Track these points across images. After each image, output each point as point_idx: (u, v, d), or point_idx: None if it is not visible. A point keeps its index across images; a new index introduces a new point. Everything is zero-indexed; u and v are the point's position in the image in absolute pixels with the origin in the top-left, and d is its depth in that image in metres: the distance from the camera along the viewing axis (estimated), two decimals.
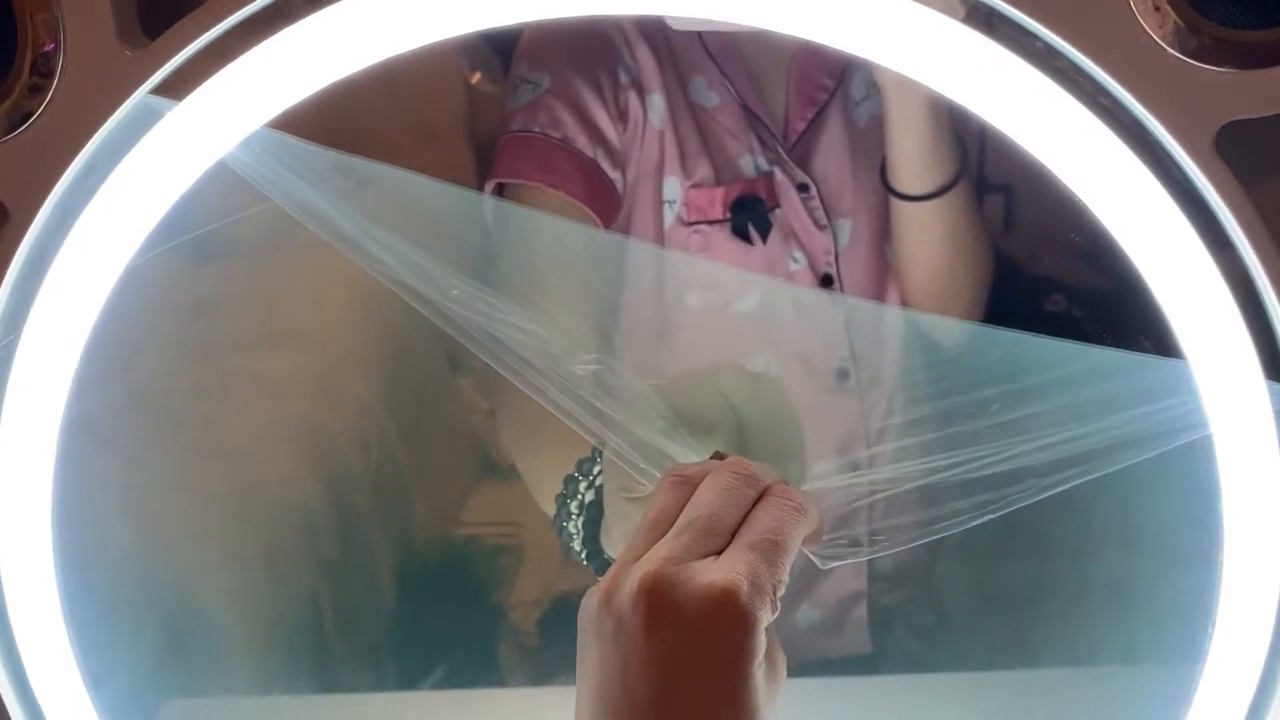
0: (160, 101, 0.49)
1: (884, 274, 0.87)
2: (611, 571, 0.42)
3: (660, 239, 0.85)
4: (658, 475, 0.49)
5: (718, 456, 0.49)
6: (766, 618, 0.40)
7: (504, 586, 1.30)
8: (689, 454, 0.51)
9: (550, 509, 0.62)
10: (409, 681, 1.07)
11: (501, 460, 1.16)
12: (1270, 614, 0.53)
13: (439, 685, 0.97)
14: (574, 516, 0.60)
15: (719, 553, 0.41)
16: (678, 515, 0.43)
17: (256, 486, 1.34)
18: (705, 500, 0.43)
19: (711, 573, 0.40)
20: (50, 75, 0.48)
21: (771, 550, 0.41)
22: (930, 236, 0.82)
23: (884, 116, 0.78)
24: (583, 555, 0.60)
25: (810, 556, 0.49)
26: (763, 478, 0.45)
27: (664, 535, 0.42)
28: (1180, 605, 0.52)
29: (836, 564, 0.52)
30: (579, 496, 0.60)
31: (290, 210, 0.53)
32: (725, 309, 0.85)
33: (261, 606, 1.24)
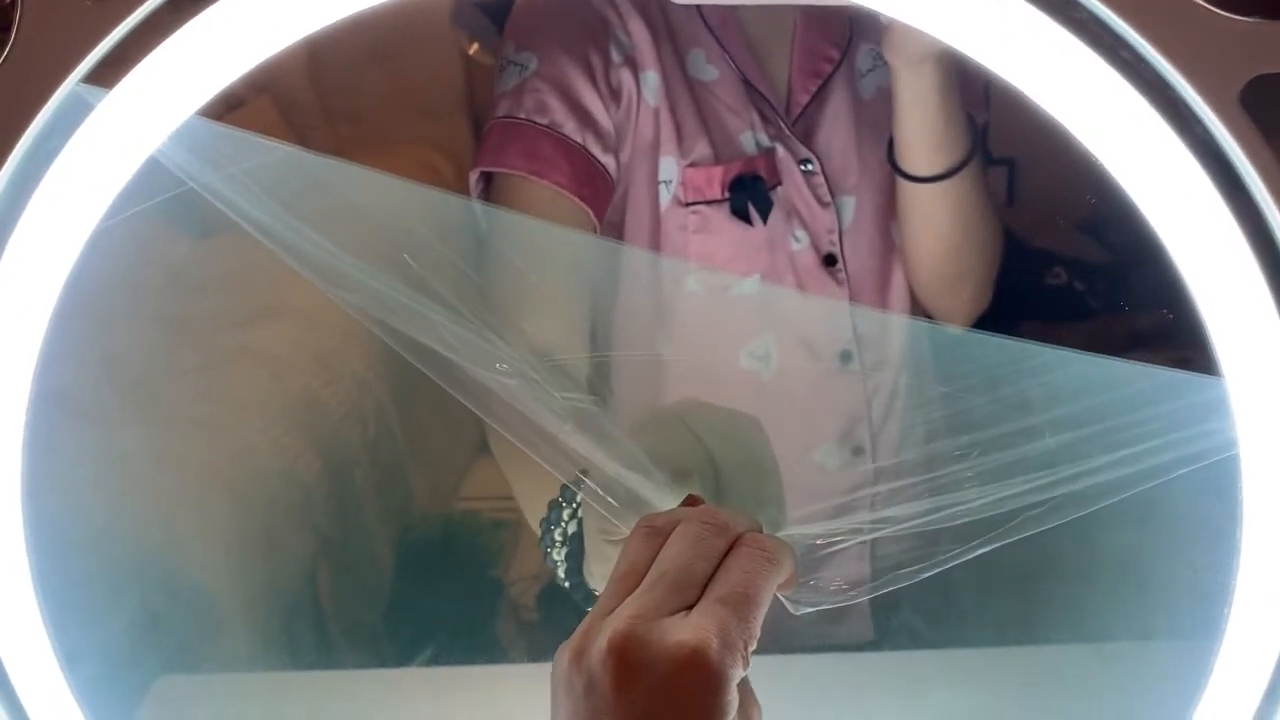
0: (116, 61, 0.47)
1: (889, 252, 0.85)
2: (582, 627, 0.42)
3: (656, 220, 0.82)
4: (632, 519, 0.48)
5: (690, 502, 0.48)
6: (738, 674, 0.40)
7: (503, 561, 1.30)
8: (664, 496, 0.50)
9: (536, 528, 0.61)
10: (407, 657, 1.07)
11: None
12: None
13: (437, 661, 0.96)
14: (558, 544, 0.59)
15: (690, 606, 0.41)
16: (648, 567, 0.43)
17: (252, 462, 1.33)
18: (675, 553, 0.43)
19: (681, 631, 0.40)
20: (8, 29, 0.46)
21: (742, 604, 0.41)
22: (939, 219, 0.79)
23: (894, 96, 0.76)
24: (567, 585, 0.59)
25: (784, 602, 0.49)
26: (734, 526, 0.44)
27: (635, 589, 0.42)
28: (1197, 582, 0.51)
29: (810, 609, 0.52)
30: (562, 525, 0.58)
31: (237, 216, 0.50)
32: (726, 293, 0.83)
33: (258, 582, 1.24)
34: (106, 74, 0.48)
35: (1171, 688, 0.54)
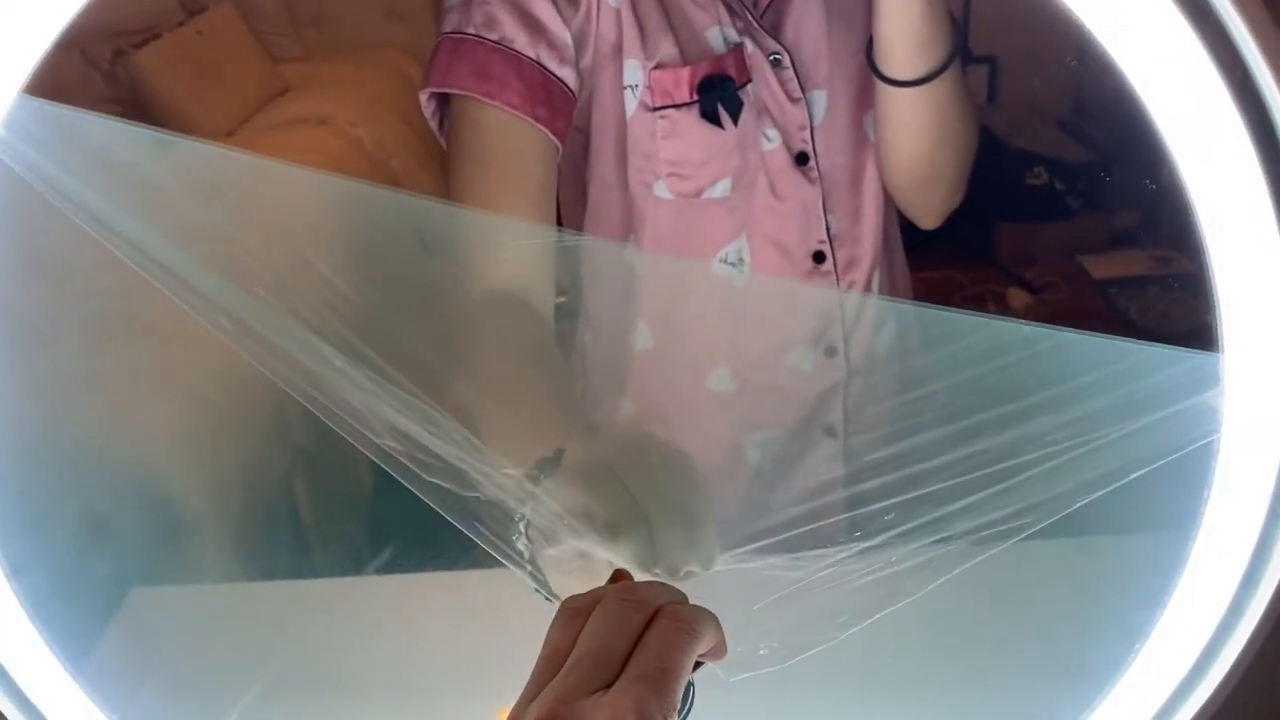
0: None
1: (862, 148, 0.82)
2: (510, 716, 0.43)
3: (623, 127, 0.79)
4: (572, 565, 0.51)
5: (616, 577, 0.49)
6: None
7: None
8: (598, 548, 0.51)
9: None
10: (388, 565, 1.07)
11: None
12: (1270, 477, 0.51)
13: (418, 568, 0.96)
14: (522, 555, 0.56)
15: (611, 684, 0.42)
16: (570, 650, 0.44)
17: (225, 375, 1.32)
18: (594, 632, 0.44)
19: (599, 711, 0.40)
20: None
21: (659, 679, 0.41)
22: (917, 121, 0.76)
23: None
24: (539, 592, 0.59)
25: (717, 670, 0.49)
26: (652, 600, 0.45)
27: (558, 672, 0.43)
28: (1175, 470, 0.51)
29: (745, 675, 0.53)
30: (522, 537, 0.55)
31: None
32: (697, 197, 0.80)
33: (235, 495, 1.23)
34: None
35: (1149, 578, 0.54)
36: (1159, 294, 1.87)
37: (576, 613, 0.45)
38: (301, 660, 0.74)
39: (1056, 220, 2.33)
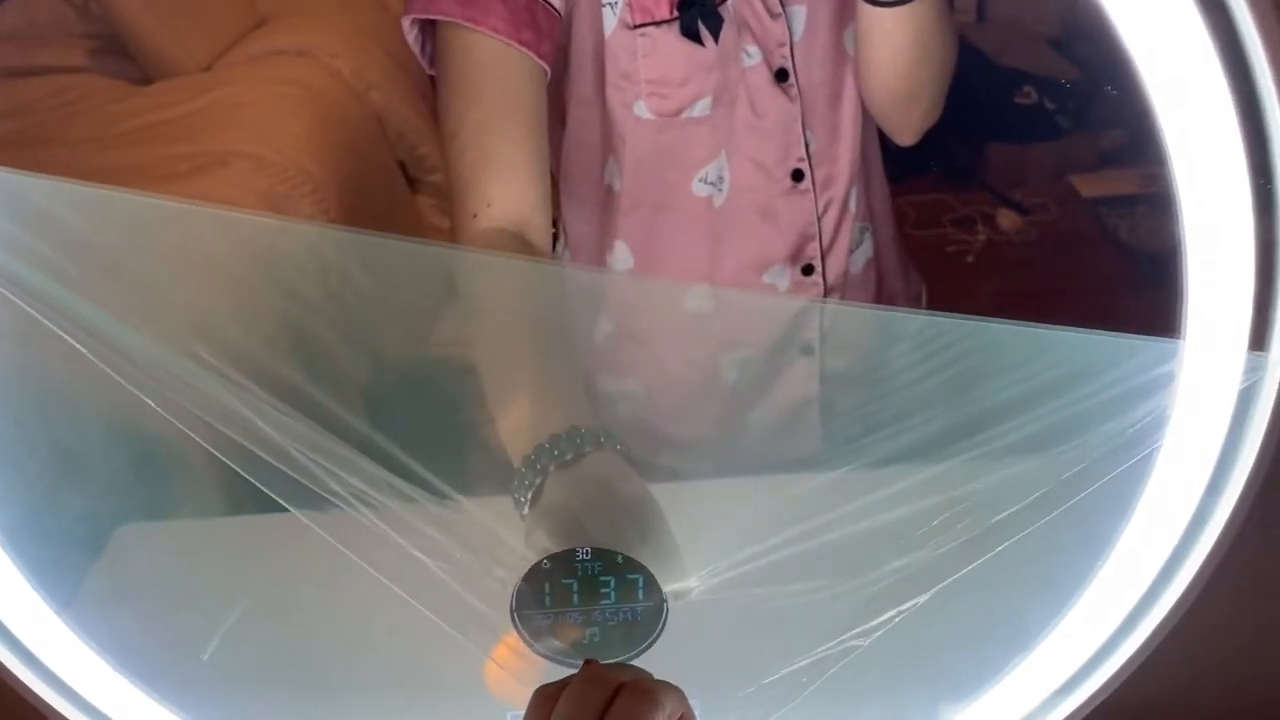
0: None
1: (841, 64, 0.81)
2: None
3: (602, 45, 0.78)
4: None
5: (587, 665, 0.52)
6: None
7: (475, 404, 1.30)
8: None
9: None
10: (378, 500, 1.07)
11: None
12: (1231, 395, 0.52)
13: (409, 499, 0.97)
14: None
15: None
16: None
17: (209, 314, 1.31)
18: (562, 712, 0.47)
19: None
20: None
21: None
22: (898, 39, 0.75)
23: None
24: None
25: None
26: (616, 678, 0.49)
27: None
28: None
29: None
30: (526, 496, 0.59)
31: None
32: (677, 116, 0.79)
33: (222, 431, 1.23)
34: None
35: (1115, 492, 0.54)
36: (1146, 211, 1.86)
37: (547, 698, 0.49)
38: (285, 590, 0.75)
39: (1046, 140, 2.30)
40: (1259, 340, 0.52)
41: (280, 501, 0.58)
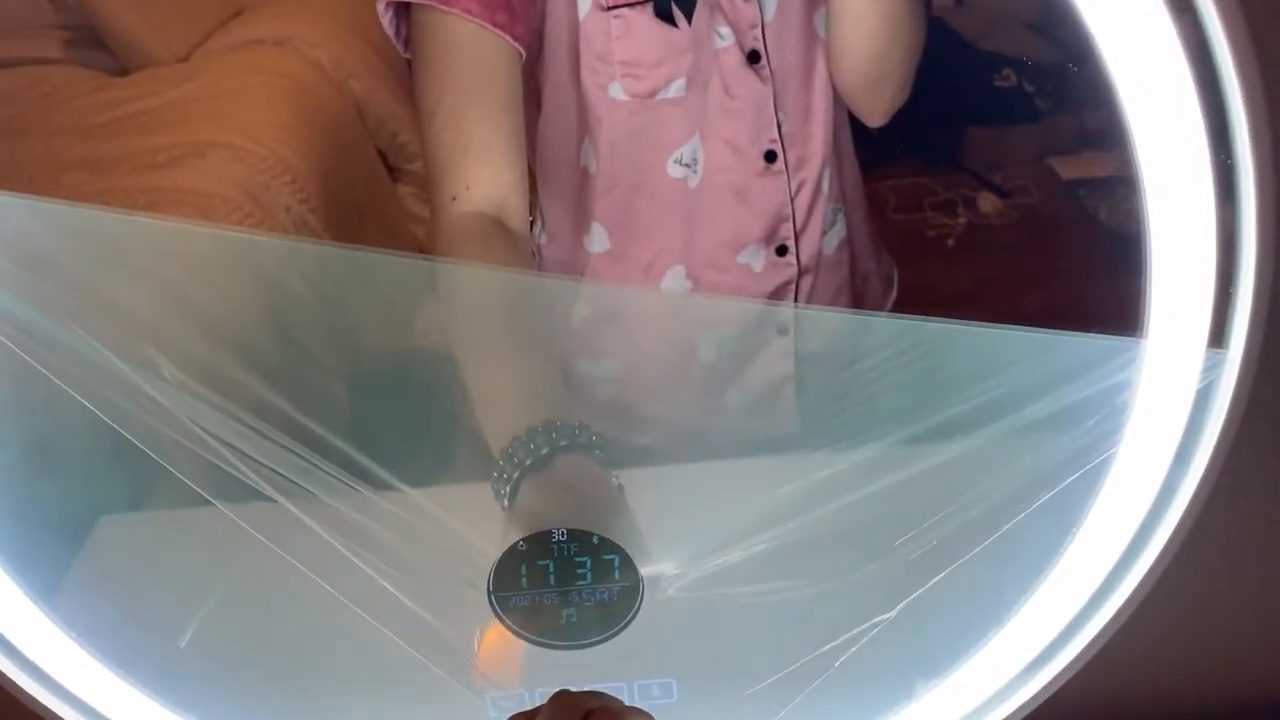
0: None
1: (812, 46, 0.81)
2: None
3: (576, 27, 0.78)
4: None
5: (559, 693, 0.54)
6: None
7: (457, 393, 1.30)
8: None
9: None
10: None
11: None
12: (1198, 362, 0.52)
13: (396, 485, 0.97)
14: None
15: None
16: None
17: (187, 304, 1.31)
18: None
19: None
20: None
21: None
22: (868, 22, 0.76)
23: None
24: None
25: None
26: (585, 703, 0.50)
27: None
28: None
29: None
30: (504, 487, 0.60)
31: None
32: (652, 98, 0.80)
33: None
34: None
35: (1084, 463, 0.55)
36: (1126, 194, 1.86)
37: None
38: (269, 578, 0.75)
39: (1026, 123, 2.31)
40: (1217, 337, 0.53)
41: (264, 489, 0.58)
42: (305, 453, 0.60)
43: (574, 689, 0.53)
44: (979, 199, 2.24)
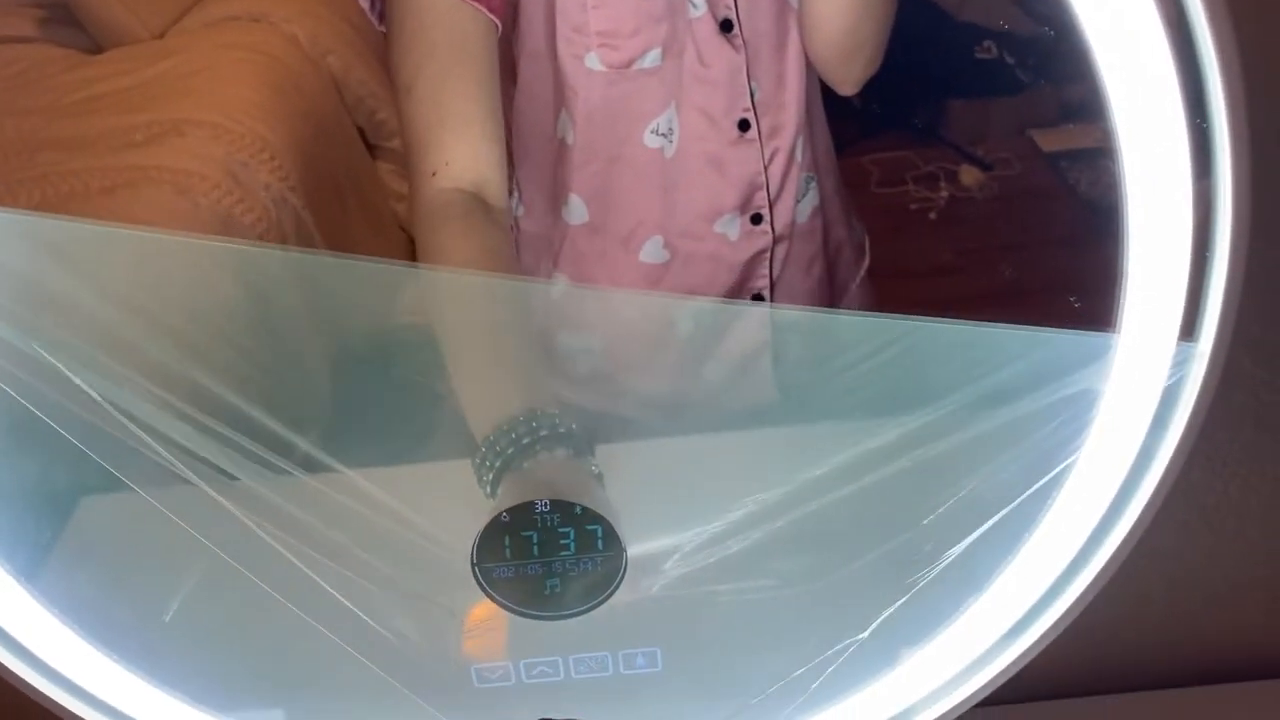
0: None
1: (785, 15, 0.81)
2: None
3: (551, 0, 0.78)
4: None
5: None
6: None
7: (442, 372, 1.29)
8: None
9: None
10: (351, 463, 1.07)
11: None
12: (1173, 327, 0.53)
13: (380, 463, 0.97)
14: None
15: None
16: None
17: (166, 284, 1.30)
18: None
19: None
20: None
21: None
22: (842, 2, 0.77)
23: None
24: None
25: None
26: None
27: None
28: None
29: None
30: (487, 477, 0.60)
31: None
32: (628, 68, 0.79)
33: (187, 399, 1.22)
34: None
35: (1060, 431, 0.55)
36: (1107, 166, 1.87)
37: None
38: (252, 555, 0.75)
39: (1007, 95, 2.31)
40: (1188, 327, 0.53)
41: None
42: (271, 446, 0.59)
43: None
44: (960, 172, 2.24)
